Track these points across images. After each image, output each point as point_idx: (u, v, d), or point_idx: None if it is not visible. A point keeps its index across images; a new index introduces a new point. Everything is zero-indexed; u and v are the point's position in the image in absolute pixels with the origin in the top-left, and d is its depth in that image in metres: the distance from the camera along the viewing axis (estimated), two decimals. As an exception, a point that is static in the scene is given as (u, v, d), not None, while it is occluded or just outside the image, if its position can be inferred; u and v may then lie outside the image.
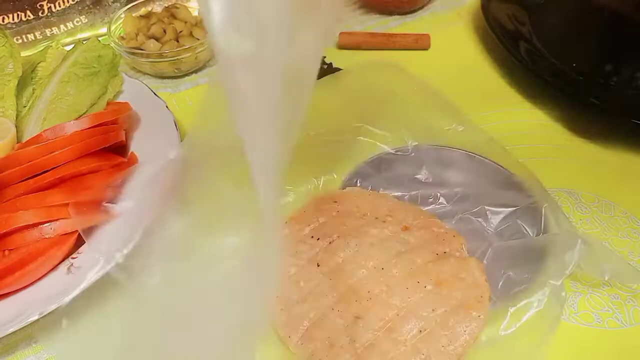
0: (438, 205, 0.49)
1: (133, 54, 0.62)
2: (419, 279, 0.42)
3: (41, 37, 0.69)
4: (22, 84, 0.56)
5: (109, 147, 0.50)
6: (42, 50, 0.61)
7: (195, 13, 0.68)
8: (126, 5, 0.68)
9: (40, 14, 0.68)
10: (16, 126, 0.53)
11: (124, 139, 0.52)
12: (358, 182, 0.50)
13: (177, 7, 0.67)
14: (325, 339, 0.40)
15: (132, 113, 0.54)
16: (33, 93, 0.56)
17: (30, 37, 0.68)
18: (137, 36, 0.64)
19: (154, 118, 0.54)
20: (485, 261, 0.44)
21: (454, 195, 0.49)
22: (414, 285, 0.42)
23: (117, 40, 0.63)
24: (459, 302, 0.41)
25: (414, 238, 0.45)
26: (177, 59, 0.62)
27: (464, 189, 0.49)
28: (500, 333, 0.40)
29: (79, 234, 0.44)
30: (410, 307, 0.41)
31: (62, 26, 0.69)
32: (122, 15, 0.67)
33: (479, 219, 0.47)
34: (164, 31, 0.64)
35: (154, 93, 0.56)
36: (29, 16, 0.67)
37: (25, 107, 0.55)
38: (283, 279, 0.43)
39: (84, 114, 0.54)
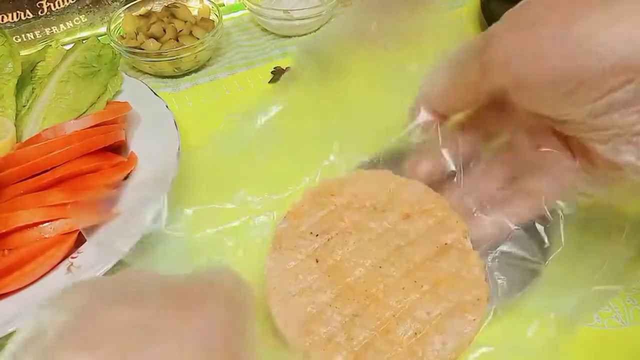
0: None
1: (133, 53, 0.62)
2: (416, 279, 0.42)
3: (40, 36, 0.69)
4: (22, 83, 0.56)
5: (108, 146, 0.50)
6: (41, 50, 0.61)
7: (195, 12, 0.68)
8: (126, 4, 0.68)
9: (39, 13, 0.68)
10: (15, 126, 0.53)
11: (123, 138, 0.52)
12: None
13: (176, 7, 0.67)
14: (322, 333, 0.40)
15: (131, 112, 0.54)
16: (32, 92, 0.56)
17: (30, 36, 0.68)
18: (136, 35, 0.64)
19: (153, 117, 0.54)
20: (489, 260, 0.43)
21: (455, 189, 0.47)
22: (411, 285, 0.42)
23: (116, 40, 0.63)
24: (455, 305, 0.40)
25: (414, 228, 0.44)
26: (177, 58, 0.62)
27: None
28: (498, 338, 0.39)
29: (79, 233, 0.44)
30: (406, 308, 0.41)
31: (61, 25, 0.69)
32: (122, 15, 0.66)
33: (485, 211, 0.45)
34: (164, 30, 0.63)
35: (154, 92, 0.56)
36: (28, 15, 0.67)
37: (24, 106, 0.55)
38: (282, 271, 0.43)
39: (83, 113, 0.54)
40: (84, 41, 0.59)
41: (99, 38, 0.60)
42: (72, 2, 0.68)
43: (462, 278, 0.42)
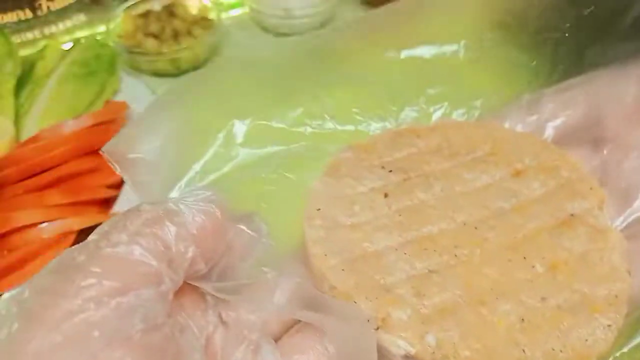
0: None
1: (131, 52, 0.62)
2: (526, 255, 0.30)
3: (40, 36, 0.69)
4: (21, 83, 0.56)
5: (107, 146, 0.50)
6: (40, 50, 0.61)
7: (193, 11, 0.68)
8: (125, 3, 0.68)
9: (38, 12, 0.67)
10: (15, 125, 0.53)
11: (122, 138, 0.52)
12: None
13: (176, 6, 0.67)
14: (378, 278, 0.29)
15: (130, 112, 0.54)
16: (31, 92, 0.56)
17: (29, 35, 0.68)
18: (135, 35, 0.64)
19: (152, 117, 0.54)
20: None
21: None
22: (518, 261, 0.30)
23: (115, 39, 0.63)
24: (581, 299, 0.29)
25: (527, 189, 0.33)
26: (176, 57, 0.62)
27: None
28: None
29: (78, 233, 0.44)
30: (510, 286, 0.30)
31: (60, 25, 0.69)
32: (121, 14, 0.66)
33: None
34: (163, 29, 0.63)
35: (153, 92, 0.56)
36: (27, 15, 0.67)
37: (23, 106, 0.55)
38: (333, 198, 0.32)
39: (82, 113, 0.54)
40: (82, 41, 0.59)
41: (97, 37, 0.60)
42: (71, 1, 0.68)
43: (593, 266, 0.30)
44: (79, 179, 0.47)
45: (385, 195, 0.32)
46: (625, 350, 0.28)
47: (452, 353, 0.27)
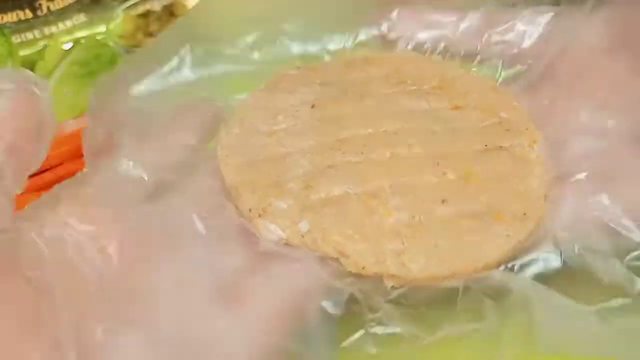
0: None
1: (132, 52, 0.62)
2: (441, 162, 0.29)
3: (40, 36, 0.69)
4: (21, 83, 0.56)
5: (107, 146, 0.50)
6: (40, 50, 0.61)
7: (194, 11, 0.68)
8: (125, 3, 0.68)
9: (38, 12, 0.67)
10: (15, 126, 0.53)
11: (122, 138, 0.52)
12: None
13: (175, 5, 0.67)
14: (273, 175, 0.29)
15: (130, 112, 0.54)
16: (32, 92, 0.56)
17: (29, 36, 0.68)
18: (136, 35, 0.64)
19: (152, 117, 0.54)
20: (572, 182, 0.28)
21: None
22: (430, 166, 0.29)
23: (115, 39, 0.63)
24: (486, 209, 0.27)
25: (462, 120, 0.31)
26: (176, 57, 0.62)
27: None
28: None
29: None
30: (412, 185, 0.28)
31: (60, 25, 0.69)
32: (121, 14, 0.66)
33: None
34: (163, 29, 0.63)
35: (153, 92, 0.56)
36: (27, 15, 0.67)
37: (23, 106, 0.55)
38: (260, 109, 0.32)
39: (82, 113, 0.54)
40: (82, 41, 0.59)
41: (98, 37, 0.60)
42: (71, 1, 0.68)
43: (508, 183, 0.28)
44: (79, 179, 0.47)
45: (313, 106, 0.32)
46: (518, 262, 0.25)
47: (320, 237, 0.26)
